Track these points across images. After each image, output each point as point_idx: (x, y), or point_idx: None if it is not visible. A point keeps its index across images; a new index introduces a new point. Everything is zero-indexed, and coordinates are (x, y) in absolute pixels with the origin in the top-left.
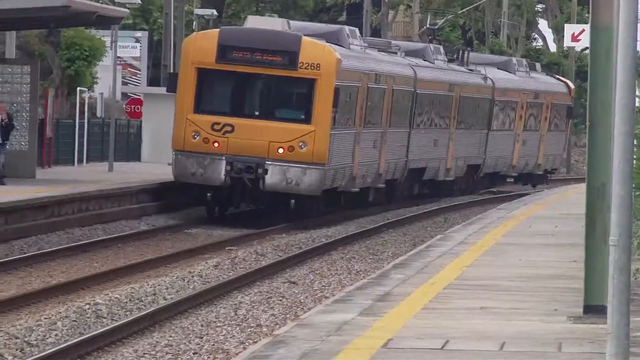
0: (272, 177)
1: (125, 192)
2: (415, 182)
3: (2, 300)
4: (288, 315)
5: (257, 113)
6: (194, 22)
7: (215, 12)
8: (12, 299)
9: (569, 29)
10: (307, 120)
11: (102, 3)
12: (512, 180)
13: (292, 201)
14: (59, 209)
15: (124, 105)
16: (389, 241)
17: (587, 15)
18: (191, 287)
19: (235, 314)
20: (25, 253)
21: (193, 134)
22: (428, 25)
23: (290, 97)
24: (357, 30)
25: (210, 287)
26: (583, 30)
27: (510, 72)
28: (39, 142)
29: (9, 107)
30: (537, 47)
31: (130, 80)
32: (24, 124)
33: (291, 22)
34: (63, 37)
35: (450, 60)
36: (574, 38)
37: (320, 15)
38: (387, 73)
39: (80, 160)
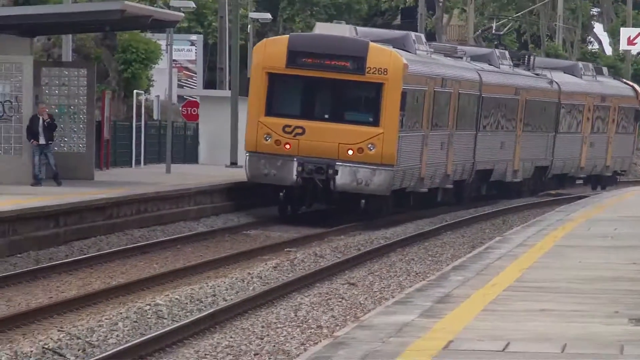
0: (343, 177)
1: (183, 194)
2: (482, 183)
3: (64, 301)
4: (348, 317)
5: (326, 116)
6: (249, 26)
7: (269, 15)
8: (73, 299)
9: (625, 32)
10: (376, 122)
11: (157, 7)
12: (581, 181)
13: (362, 201)
14: (117, 210)
15: (181, 108)
16: (447, 243)
17: None
18: (251, 288)
19: (295, 315)
20: (85, 254)
21: (265, 136)
22: (493, 31)
23: (358, 101)
24: (422, 36)
25: (270, 289)
26: (639, 33)
27: (576, 76)
28: (97, 144)
29: (66, 109)
30: (593, 50)
31: (186, 83)
32: (81, 126)
33: (358, 28)
34: (119, 40)
35: (516, 65)
36: (630, 41)
37: (374, 19)
38: (453, 77)
39: (137, 162)
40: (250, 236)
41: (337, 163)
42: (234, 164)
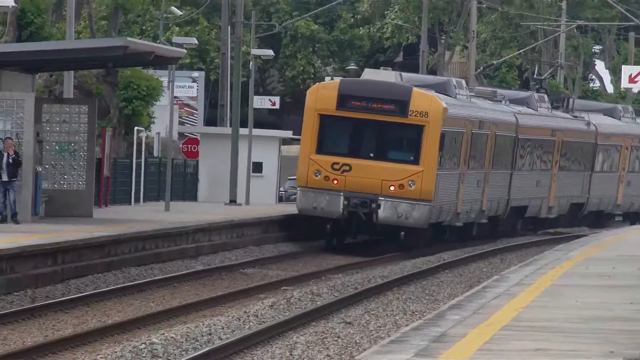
0: (385, 211)
1: (182, 232)
2: (518, 218)
3: (59, 340)
4: (343, 356)
5: (371, 154)
6: (251, 63)
7: (272, 52)
8: (68, 338)
9: (627, 70)
10: (416, 161)
11: (159, 43)
12: (620, 218)
13: (402, 233)
14: (115, 248)
15: (181, 145)
16: (444, 282)
17: None
18: (247, 327)
19: (291, 355)
20: (81, 292)
21: (315, 172)
22: (535, 76)
23: (401, 141)
24: (463, 81)
25: (266, 327)
26: None
27: (615, 118)
28: (97, 182)
29: (66, 146)
30: (594, 88)
31: (187, 120)
32: (81, 163)
33: (403, 74)
34: (120, 76)
35: (555, 108)
36: (632, 79)
37: (377, 55)
38: (490, 120)
39: (137, 200)
40: (247, 274)
41: (379, 198)
42: (233, 201)
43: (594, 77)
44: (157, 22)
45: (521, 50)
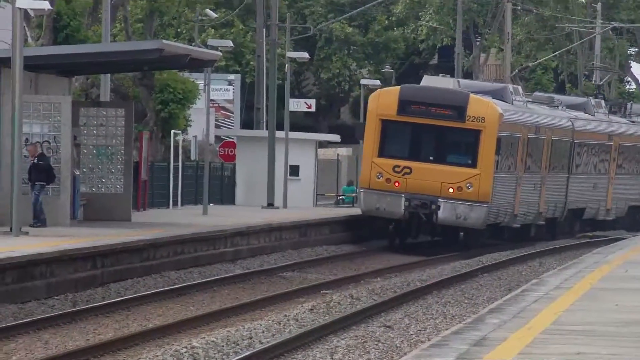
0: (444, 212)
1: (220, 235)
2: (575, 220)
3: (100, 344)
4: None
5: (431, 158)
6: (286, 65)
7: (307, 55)
8: (109, 342)
9: None
10: (474, 164)
11: (194, 46)
12: None
13: (461, 233)
14: (154, 252)
15: (218, 148)
16: (484, 285)
17: None
18: (287, 330)
19: (332, 358)
20: (121, 296)
21: (377, 174)
22: (594, 82)
23: (459, 145)
24: (519, 88)
25: (306, 331)
26: None
27: None
28: (134, 185)
29: (104, 149)
30: (630, 90)
31: (223, 123)
32: (119, 166)
33: (461, 80)
34: (157, 80)
35: (613, 113)
36: None
37: (412, 57)
38: (546, 125)
39: (174, 203)
40: (286, 278)
41: (439, 199)
42: (270, 205)
43: (629, 79)
44: (192, 24)
45: (556, 53)
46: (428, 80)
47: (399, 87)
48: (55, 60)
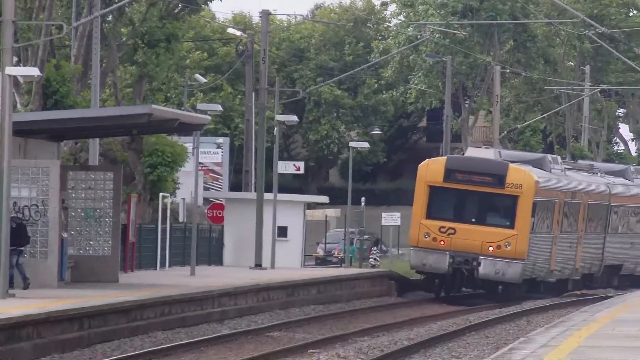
0: (485, 268)
1: (207, 296)
2: (613, 276)
3: None
4: None
5: (473, 220)
6: (275, 128)
7: (296, 118)
8: None
9: None
10: (511, 226)
11: (183, 110)
12: None
13: (500, 287)
14: (141, 313)
15: (206, 210)
16: (471, 344)
17: None
18: None
19: None
20: (108, 357)
21: (425, 234)
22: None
23: (498, 209)
24: (558, 157)
25: None
26: None
27: None
28: (122, 247)
29: (92, 212)
30: (619, 151)
31: (211, 186)
32: (106, 229)
33: (502, 151)
34: (145, 143)
35: None
36: None
37: (401, 120)
38: (582, 190)
39: (162, 265)
40: (273, 338)
41: (480, 257)
42: (258, 265)
43: (618, 140)
44: (181, 89)
45: (545, 114)
46: (472, 152)
47: (445, 157)
48: (45, 126)
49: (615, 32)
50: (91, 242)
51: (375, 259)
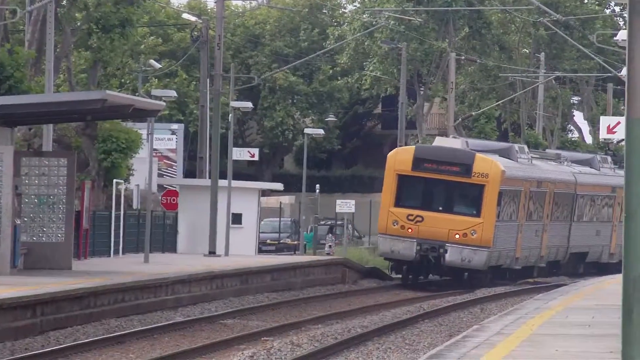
0: (451, 255)
1: (161, 283)
2: (579, 263)
3: None
4: None
5: (440, 208)
6: (230, 115)
7: (250, 104)
8: None
9: (605, 121)
10: (478, 214)
11: (138, 96)
12: None
13: (466, 274)
14: (95, 300)
15: (160, 197)
16: (425, 331)
17: (622, 107)
18: None
19: None
20: (61, 344)
21: (393, 222)
22: (602, 140)
23: (465, 197)
24: (525, 147)
25: None
26: (619, 122)
27: None
28: (75, 234)
29: (45, 199)
30: (573, 139)
31: (166, 172)
32: (60, 215)
33: (469, 140)
34: (99, 129)
35: (621, 167)
36: (610, 130)
37: (356, 107)
38: (548, 179)
39: (116, 252)
40: (227, 325)
41: (446, 244)
42: (212, 253)
43: (572, 127)
44: (136, 75)
45: (500, 102)
46: (440, 141)
47: (414, 146)
48: None
49: (570, 20)
50: (44, 229)
51: (330, 247)
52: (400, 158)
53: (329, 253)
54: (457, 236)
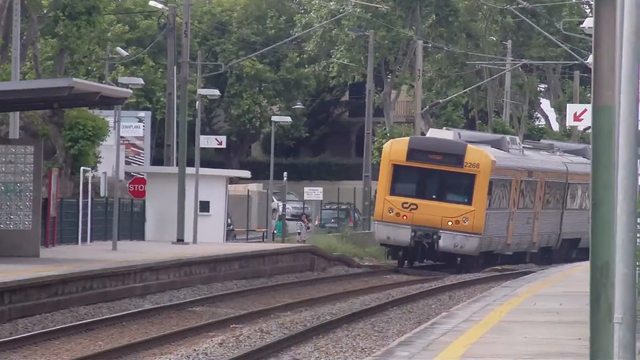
0: (444, 241)
1: (129, 271)
2: (571, 249)
3: None
4: None
5: (434, 196)
6: (197, 102)
7: (217, 92)
8: None
9: (571, 108)
10: (469, 202)
11: (105, 83)
12: None
13: (458, 259)
14: (63, 287)
15: (128, 185)
16: (393, 319)
17: (589, 95)
18: None
19: None
20: (29, 332)
21: (389, 209)
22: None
23: (457, 186)
24: (517, 138)
25: None
26: (585, 110)
27: None
28: (43, 222)
29: (12, 186)
30: (540, 126)
31: (133, 160)
32: (27, 203)
33: (462, 131)
34: (66, 117)
35: None
36: (576, 118)
37: (323, 94)
38: (539, 169)
39: (84, 239)
40: (196, 313)
41: (440, 231)
42: (180, 240)
43: (539, 115)
44: (103, 62)
45: (467, 89)
46: (433, 132)
47: (408, 137)
48: None
49: (536, 7)
50: (12, 217)
51: (299, 234)
52: (395, 148)
53: (305, 240)
54: (449, 223)
